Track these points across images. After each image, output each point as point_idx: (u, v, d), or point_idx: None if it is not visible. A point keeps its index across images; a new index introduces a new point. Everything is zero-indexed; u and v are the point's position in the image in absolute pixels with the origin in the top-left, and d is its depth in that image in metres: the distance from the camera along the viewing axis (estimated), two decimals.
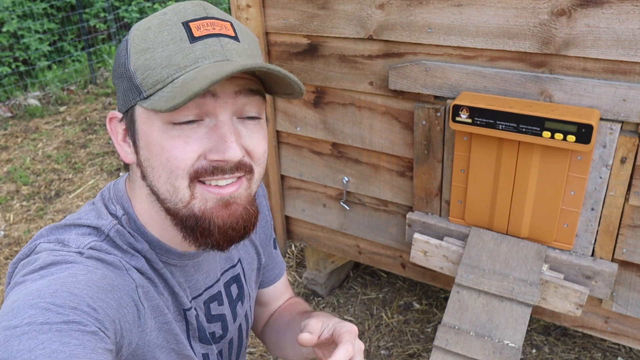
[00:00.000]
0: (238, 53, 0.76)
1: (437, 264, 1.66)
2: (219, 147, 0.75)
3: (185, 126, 0.74)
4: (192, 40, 0.74)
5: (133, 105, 0.77)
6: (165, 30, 0.75)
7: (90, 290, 0.70)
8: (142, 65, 0.75)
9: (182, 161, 0.75)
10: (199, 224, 0.77)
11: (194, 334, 0.92)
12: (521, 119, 1.35)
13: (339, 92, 1.78)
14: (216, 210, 0.78)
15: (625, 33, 1.27)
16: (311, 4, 1.69)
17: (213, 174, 0.76)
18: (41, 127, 4.32)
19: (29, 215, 3.17)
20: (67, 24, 5.40)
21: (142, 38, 0.76)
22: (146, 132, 0.77)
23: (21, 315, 0.64)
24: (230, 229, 0.79)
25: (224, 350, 1.02)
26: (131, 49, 0.76)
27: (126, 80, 0.77)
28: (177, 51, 0.73)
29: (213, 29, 0.75)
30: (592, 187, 1.43)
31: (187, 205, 0.77)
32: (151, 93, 0.74)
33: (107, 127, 0.84)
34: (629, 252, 1.47)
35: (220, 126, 0.75)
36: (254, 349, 2.15)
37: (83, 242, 0.78)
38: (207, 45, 0.74)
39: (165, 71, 0.73)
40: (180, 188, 0.76)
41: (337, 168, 1.93)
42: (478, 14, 1.42)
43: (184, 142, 0.74)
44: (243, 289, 1.05)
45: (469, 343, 1.44)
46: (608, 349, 2.03)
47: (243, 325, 1.06)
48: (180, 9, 0.77)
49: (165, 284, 0.86)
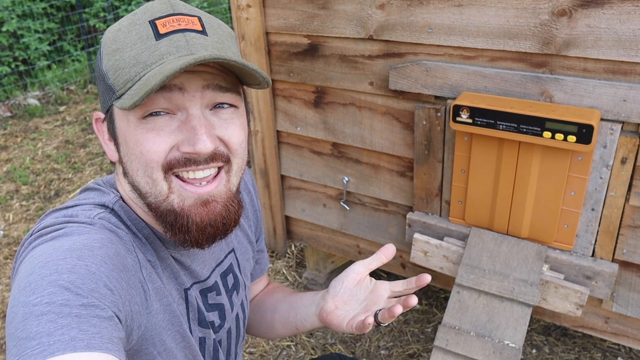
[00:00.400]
0: (204, 47, 0.76)
1: (437, 264, 1.66)
2: (190, 140, 0.76)
3: (158, 119, 0.76)
4: (157, 37, 0.75)
5: (110, 105, 0.79)
6: (134, 30, 0.76)
7: (106, 268, 0.70)
8: (112, 65, 0.77)
9: (154, 153, 0.76)
10: (177, 219, 0.78)
11: (194, 316, 0.92)
12: (522, 119, 1.35)
13: (340, 92, 1.78)
14: (194, 207, 0.79)
15: (626, 33, 1.27)
16: (311, 4, 1.69)
17: (186, 165, 0.77)
18: (41, 126, 4.32)
19: (28, 215, 3.17)
20: (66, 23, 5.40)
21: (113, 39, 0.77)
22: (123, 129, 0.78)
23: (40, 291, 0.64)
24: (208, 227, 0.79)
25: (222, 340, 1.02)
26: (103, 51, 0.78)
27: (102, 82, 0.79)
28: (144, 49, 0.75)
29: (179, 25, 0.76)
30: (593, 187, 1.43)
31: (167, 199, 0.78)
32: (123, 92, 0.76)
33: (94, 127, 0.86)
34: (629, 253, 1.47)
35: (191, 119, 0.76)
36: (254, 348, 2.15)
37: (92, 213, 0.79)
38: (172, 41, 0.75)
39: (133, 70, 0.75)
40: (158, 180, 0.78)
41: (337, 168, 1.93)
42: (478, 14, 1.42)
43: (155, 134, 0.76)
44: (238, 279, 1.06)
45: (469, 343, 1.44)
46: (608, 349, 2.03)
47: (240, 315, 1.07)
48: (149, 8, 0.78)
49: (165, 265, 0.87)
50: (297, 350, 2.12)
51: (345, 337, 2.16)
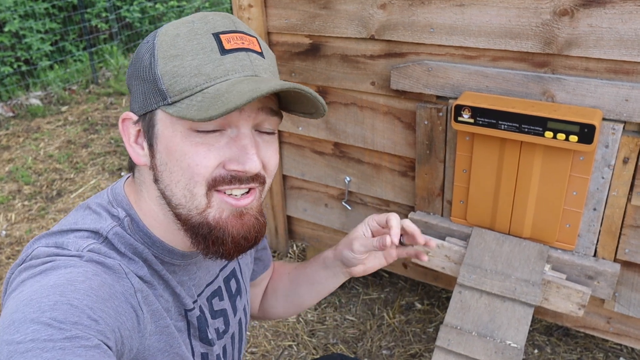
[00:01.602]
0: (264, 69, 0.79)
1: (439, 264, 1.66)
2: (239, 158, 0.77)
3: (209, 134, 0.76)
4: (222, 52, 0.75)
5: (154, 109, 0.78)
6: (195, 39, 0.76)
7: (89, 300, 0.70)
8: (169, 71, 0.76)
9: (203, 168, 0.76)
10: (212, 232, 0.79)
11: (195, 334, 0.93)
12: (523, 119, 1.35)
13: (341, 92, 1.78)
14: (231, 220, 0.80)
15: (628, 33, 1.26)
16: (313, 3, 1.69)
17: (230, 183, 0.78)
18: (43, 126, 4.33)
19: (30, 214, 3.17)
20: (68, 23, 5.40)
21: (171, 44, 0.76)
22: (167, 137, 0.77)
23: (23, 330, 0.64)
24: (242, 239, 0.81)
25: (227, 345, 1.03)
26: (159, 53, 0.77)
27: (149, 84, 0.78)
28: (208, 61, 0.75)
29: (242, 44, 0.77)
30: (595, 187, 1.43)
31: (202, 213, 0.79)
32: (177, 100, 0.75)
33: (119, 126, 0.84)
34: (632, 253, 1.46)
35: (242, 137, 0.77)
36: (255, 348, 2.15)
37: (82, 244, 0.78)
38: (237, 59, 0.76)
39: (194, 80, 0.75)
40: (198, 195, 0.78)
41: (339, 168, 1.93)
42: (480, 14, 1.42)
43: (206, 149, 0.76)
44: (240, 284, 1.07)
45: (471, 343, 1.44)
46: (610, 350, 2.02)
47: (242, 319, 1.08)
48: (209, 20, 0.78)
49: (165, 286, 0.86)
50: (298, 350, 2.13)
51: (347, 338, 2.17)
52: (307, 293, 1.17)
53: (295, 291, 1.19)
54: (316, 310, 2.29)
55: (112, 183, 0.94)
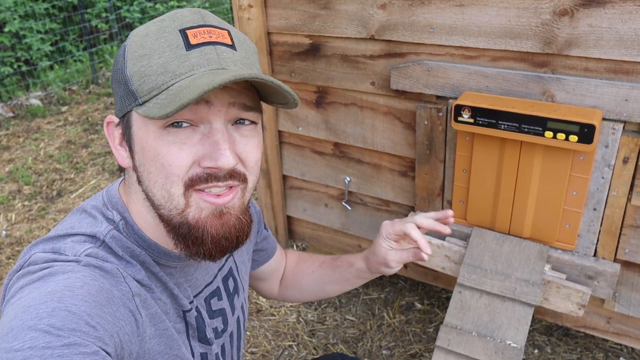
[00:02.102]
0: (234, 61, 0.76)
1: (439, 264, 1.66)
2: (212, 154, 0.75)
3: (180, 131, 0.75)
4: (188, 47, 0.74)
5: (129, 110, 0.78)
6: (162, 37, 0.75)
7: (87, 306, 0.69)
8: (138, 71, 0.75)
9: (177, 167, 0.75)
10: (191, 232, 0.78)
11: (193, 334, 0.93)
12: (523, 119, 1.35)
13: (341, 92, 1.78)
14: (210, 220, 0.78)
15: (628, 33, 1.26)
16: (313, 4, 1.69)
17: (207, 181, 0.76)
18: (43, 127, 4.33)
19: (30, 215, 3.18)
20: (68, 24, 5.40)
21: (140, 44, 0.76)
22: (142, 138, 0.77)
23: (22, 337, 0.64)
24: (223, 239, 0.79)
25: (225, 343, 1.03)
26: (128, 55, 0.77)
27: (123, 86, 0.78)
28: (173, 58, 0.74)
29: (210, 37, 0.76)
30: (595, 187, 1.43)
31: (182, 213, 0.78)
32: (147, 99, 0.75)
33: (104, 130, 0.84)
34: (632, 253, 1.46)
35: (214, 133, 0.76)
36: (255, 348, 2.15)
37: (79, 249, 0.78)
38: (203, 53, 0.74)
39: (160, 78, 0.74)
40: (175, 195, 0.77)
41: (339, 168, 1.93)
42: (480, 14, 1.42)
43: (178, 148, 0.75)
44: (237, 282, 1.07)
45: (471, 343, 1.44)
46: (610, 349, 2.02)
47: (240, 318, 1.08)
48: (178, 16, 0.77)
49: (163, 288, 0.86)
50: (298, 350, 2.13)
51: (347, 337, 2.17)
52: (333, 290, 1.25)
53: (322, 288, 1.24)
54: (316, 310, 2.29)
55: (111, 183, 0.94)
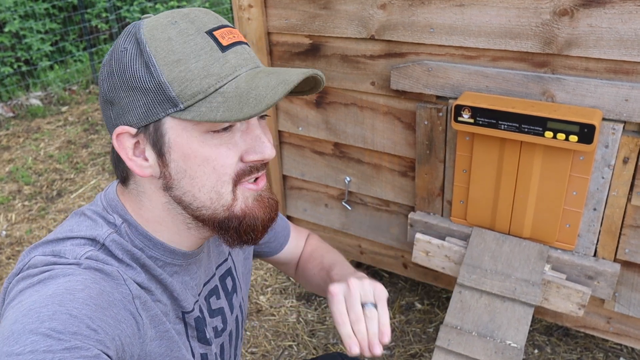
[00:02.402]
0: (257, 58, 0.81)
1: (439, 264, 1.66)
2: (256, 148, 0.79)
3: (224, 134, 0.78)
4: (222, 49, 0.76)
5: (160, 118, 0.76)
6: (191, 41, 0.75)
7: (88, 310, 0.69)
8: (177, 77, 0.74)
9: (229, 167, 0.79)
10: (243, 222, 0.82)
11: (193, 335, 0.93)
12: (523, 119, 1.35)
13: (341, 92, 1.78)
14: (256, 206, 0.83)
15: (628, 33, 1.26)
16: (313, 4, 1.69)
17: (250, 174, 0.81)
18: (43, 127, 4.33)
19: (30, 215, 3.17)
20: (69, 24, 5.40)
21: (169, 50, 0.74)
22: (183, 144, 0.77)
23: (22, 341, 0.64)
24: (268, 220, 0.85)
25: (225, 342, 1.03)
26: (158, 61, 0.74)
27: (152, 93, 0.75)
28: (212, 61, 0.75)
29: (234, 37, 0.79)
30: (595, 187, 1.43)
31: (229, 208, 0.81)
32: (190, 104, 0.74)
33: (113, 143, 0.80)
34: (632, 253, 1.46)
35: (253, 128, 0.80)
36: (255, 348, 2.15)
37: (80, 252, 0.78)
38: (238, 54, 0.77)
39: (205, 81, 0.74)
40: (225, 193, 0.80)
41: (339, 168, 1.93)
42: (480, 14, 1.42)
43: (227, 149, 0.78)
44: (235, 281, 1.07)
45: (471, 343, 1.44)
46: (610, 349, 2.02)
47: (239, 317, 1.08)
48: (194, 18, 0.77)
49: (163, 290, 0.86)
50: (298, 350, 2.13)
51: None
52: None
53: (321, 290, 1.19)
54: (316, 310, 2.29)
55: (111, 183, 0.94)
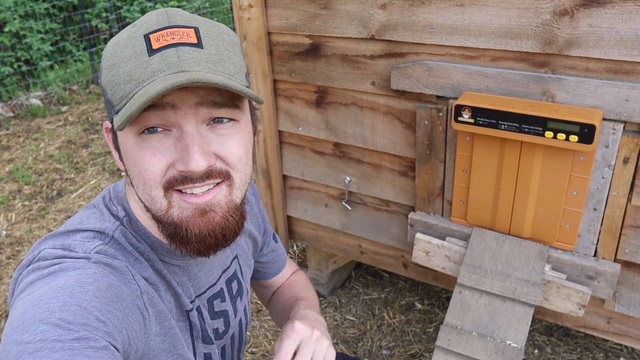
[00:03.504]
0: (197, 61, 0.74)
1: (439, 264, 1.66)
2: (183, 158, 0.74)
3: (153, 137, 0.75)
4: (150, 53, 0.73)
5: (112, 118, 0.79)
6: (130, 44, 0.75)
7: (98, 302, 0.70)
8: (110, 81, 0.76)
9: (152, 172, 0.75)
10: (177, 231, 0.78)
11: (197, 334, 0.93)
12: (524, 119, 1.35)
13: (341, 92, 1.78)
14: (192, 218, 0.78)
15: (628, 33, 1.26)
16: (313, 4, 1.69)
17: (183, 183, 0.76)
18: (43, 126, 4.33)
19: (30, 215, 3.17)
20: (69, 24, 5.40)
21: (112, 53, 0.76)
22: (123, 144, 0.79)
23: (32, 330, 0.64)
24: (207, 237, 0.78)
25: (226, 346, 1.03)
26: (103, 65, 0.78)
27: (104, 95, 0.79)
28: (137, 65, 0.73)
29: (172, 39, 0.74)
30: (595, 187, 1.43)
31: (167, 213, 0.78)
32: (119, 108, 0.75)
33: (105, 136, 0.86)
34: (632, 253, 1.46)
35: (184, 137, 0.74)
36: (255, 348, 2.15)
37: (89, 246, 0.79)
38: (163, 57, 0.73)
39: (127, 86, 0.74)
40: (157, 198, 0.77)
41: (339, 168, 1.93)
42: (480, 14, 1.42)
43: (151, 154, 0.75)
44: (241, 285, 1.07)
45: (471, 343, 1.44)
46: (610, 349, 2.02)
47: (243, 320, 1.08)
48: (146, 20, 0.76)
49: (167, 286, 0.87)
50: None
51: (347, 337, 2.17)
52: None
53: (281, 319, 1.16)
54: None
55: (112, 183, 0.95)
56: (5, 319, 2.39)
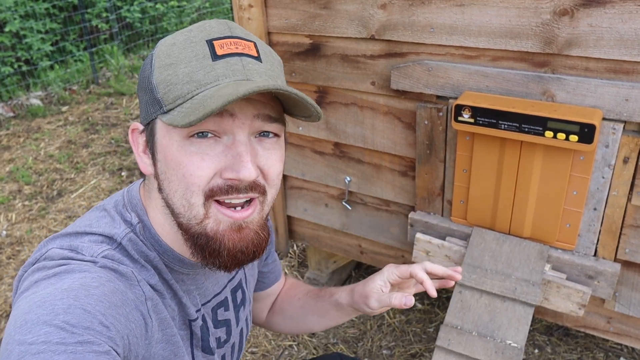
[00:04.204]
0: (259, 73, 0.76)
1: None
2: (234, 166, 0.75)
3: (203, 142, 0.75)
4: (214, 58, 0.75)
5: (154, 118, 0.78)
6: (190, 47, 0.76)
7: (102, 306, 0.70)
8: (164, 80, 0.76)
9: (197, 177, 0.76)
10: (209, 244, 0.78)
11: (197, 344, 0.93)
12: (524, 118, 1.35)
13: (341, 92, 1.78)
14: (228, 233, 0.78)
15: (628, 33, 1.26)
16: (313, 3, 1.69)
17: (227, 193, 0.76)
18: (43, 126, 4.33)
19: (31, 215, 3.18)
20: (69, 24, 5.41)
21: (167, 53, 0.77)
22: (165, 146, 0.78)
23: (36, 331, 0.64)
24: (239, 253, 0.79)
25: (226, 354, 1.03)
26: (155, 63, 0.78)
27: (149, 94, 0.78)
28: (199, 68, 0.74)
29: (236, 48, 0.76)
30: (595, 187, 1.43)
31: (201, 223, 0.78)
32: (171, 108, 0.75)
33: (129, 137, 0.85)
34: (632, 252, 1.46)
35: (237, 145, 0.75)
36: (256, 348, 2.15)
37: (96, 250, 0.79)
38: (229, 64, 0.75)
39: (186, 87, 0.74)
40: (195, 205, 0.77)
41: (339, 168, 1.93)
42: (480, 13, 1.42)
43: (200, 159, 0.75)
44: (245, 294, 1.07)
45: (471, 343, 1.44)
46: (610, 349, 2.02)
47: (244, 330, 1.08)
48: (206, 27, 0.78)
49: (173, 295, 0.87)
50: (299, 350, 2.13)
51: (347, 337, 2.17)
52: (315, 323, 1.17)
53: (304, 318, 1.18)
54: None
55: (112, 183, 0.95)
56: (6, 319, 2.39)
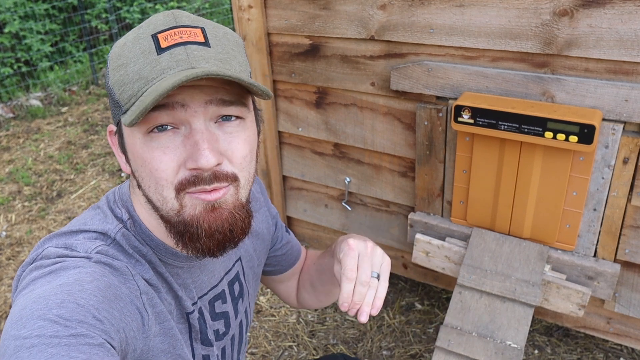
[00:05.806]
0: (206, 59, 0.75)
1: (439, 265, 1.66)
2: (193, 155, 0.75)
3: (162, 135, 0.75)
4: (159, 51, 0.74)
5: (119, 119, 0.79)
6: (137, 44, 0.76)
7: (96, 301, 0.71)
8: (118, 81, 0.77)
9: (163, 172, 0.76)
10: (187, 228, 0.78)
11: (196, 336, 0.93)
12: (523, 119, 1.35)
13: (341, 93, 1.78)
14: (203, 214, 0.78)
15: (628, 33, 1.26)
16: (313, 4, 1.69)
17: (195, 184, 0.76)
18: (43, 127, 4.33)
19: (30, 215, 3.17)
20: (68, 24, 5.41)
21: (119, 54, 0.78)
22: (131, 145, 0.79)
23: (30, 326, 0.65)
24: (216, 232, 0.79)
25: (226, 346, 1.03)
26: (110, 65, 0.79)
27: (110, 96, 0.80)
28: (146, 64, 0.74)
29: (180, 38, 0.75)
30: (595, 187, 1.43)
31: (178, 214, 0.79)
32: (128, 107, 0.76)
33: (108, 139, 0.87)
34: (632, 253, 1.46)
35: (194, 134, 0.75)
36: (255, 349, 2.15)
37: (90, 246, 0.80)
38: (173, 55, 0.74)
39: (136, 85, 0.75)
40: (168, 198, 0.78)
41: (338, 168, 1.93)
42: (480, 14, 1.42)
43: (162, 153, 0.75)
44: (243, 287, 1.07)
45: (471, 343, 1.44)
46: (610, 350, 2.02)
47: (243, 322, 1.08)
48: (153, 21, 0.78)
49: (168, 288, 0.87)
50: (299, 350, 2.13)
51: (347, 338, 2.16)
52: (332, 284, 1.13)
53: (322, 284, 1.15)
54: (316, 311, 2.29)
55: (111, 184, 0.96)
56: (6, 319, 2.39)
